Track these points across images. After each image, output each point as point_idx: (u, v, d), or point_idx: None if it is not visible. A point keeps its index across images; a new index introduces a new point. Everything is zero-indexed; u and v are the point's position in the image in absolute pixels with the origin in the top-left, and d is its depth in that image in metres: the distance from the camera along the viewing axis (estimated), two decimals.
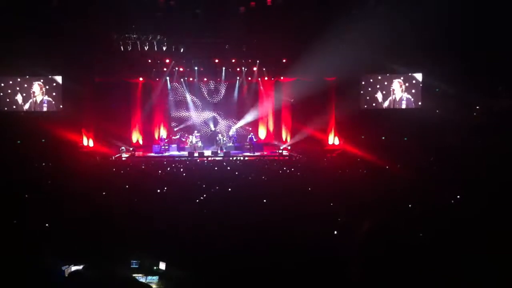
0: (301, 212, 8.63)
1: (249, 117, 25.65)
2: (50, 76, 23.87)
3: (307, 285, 5.32)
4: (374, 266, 5.23)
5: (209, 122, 25.68)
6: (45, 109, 23.89)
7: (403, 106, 24.21)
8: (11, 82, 23.64)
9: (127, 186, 12.48)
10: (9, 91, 23.64)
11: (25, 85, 23.74)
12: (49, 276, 5.79)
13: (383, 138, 23.35)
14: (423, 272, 5.03)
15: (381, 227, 6.42)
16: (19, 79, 23.73)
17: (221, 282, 5.51)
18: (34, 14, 19.52)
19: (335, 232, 6.84)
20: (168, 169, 17.00)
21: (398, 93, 24.19)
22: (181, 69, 24.56)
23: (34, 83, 23.78)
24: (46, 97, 23.84)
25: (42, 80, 23.86)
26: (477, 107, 23.02)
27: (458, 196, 9.83)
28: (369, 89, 24.41)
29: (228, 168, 17.15)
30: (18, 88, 23.69)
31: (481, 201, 8.93)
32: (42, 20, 19.68)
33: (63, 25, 19.87)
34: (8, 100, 23.59)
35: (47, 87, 23.91)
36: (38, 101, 23.81)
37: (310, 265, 5.53)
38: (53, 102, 23.90)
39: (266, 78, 25.07)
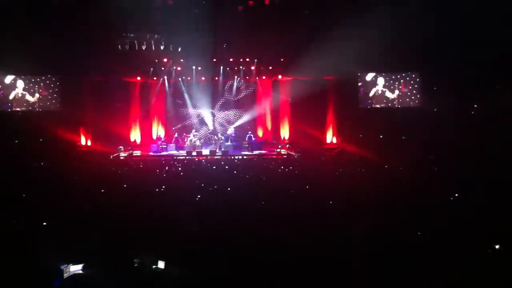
0: (299, 211, 8.63)
1: (247, 116, 25.63)
2: (48, 75, 23.80)
3: (307, 285, 5.31)
4: (373, 265, 5.23)
5: (207, 121, 25.63)
6: (37, 108, 23.80)
7: (396, 103, 24.26)
8: (8, 82, 23.54)
9: (125, 186, 12.47)
10: (7, 90, 23.54)
11: (24, 85, 23.64)
12: (47, 276, 5.78)
13: (382, 136, 23.33)
14: (422, 271, 5.03)
15: (380, 226, 6.43)
16: (18, 79, 23.62)
17: (220, 281, 5.50)
18: (33, 14, 19.48)
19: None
20: (166, 168, 16.97)
21: (395, 91, 24.22)
22: (179, 68, 24.53)
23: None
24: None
25: (39, 79, 23.78)
26: (475, 106, 23.05)
27: (456, 195, 9.85)
28: (367, 87, 24.41)
29: (227, 167, 17.13)
30: (16, 88, 23.59)
31: (480, 200, 8.94)
32: (41, 20, 19.62)
33: (62, 25, 19.81)
34: (6, 99, 23.49)
35: (45, 86, 23.83)
36: (34, 100, 23.71)
37: (310, 264, 5.52)
38: (48, 102, 23.83)
39: (264, 77, 25.04)
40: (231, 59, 24.04)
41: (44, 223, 8.01)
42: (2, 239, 6.72)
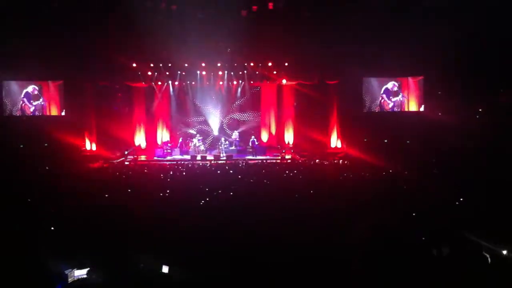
0: (303, 215, 8.63)
1: (251, 121, 25.69)
2: (52, 81, 23.90)
3: (308, 285, 5.32)
4: (374, 266, 5.23)
5: (212, 126, 25.66)
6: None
7: (398, 108, 24.24)
8: (13, 87, 23.68)
9: (129, 190, 12.50)
10: (12, 95, 23.67)
11: (28, 90, 23.77)
12: (51, 280, 5.81)
13: (386, 141, 23.30)
14: (423, 272, 5.03)
15: (382, 227, 6.42)
16: (21, 84, 23.74)
17: (221, 281, 5.51)
18: (36, 19, 19.61)
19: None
20: (171, 172, 17.02)
21: (399, 95, 24.20)
22: (183, 73, 24.57)
23: (34, 87, 23.79)
24: (40, 102, 23.84)
25: (43, 84, 23.89)
26: (480, 109, 22.98)
27: (461, 199, 9.82)
28: (371, 92, 24.38)
29: (231, 171, 17.14)
30: (20, 93, 23.72)
31: (485, 203, 8.92)
32: (44, 25, 19.75)
33: (65, 30, 19.93)
34: (11, 104, 23.62)
35: (51, 92, 23.95)
36: (38, 106, 23.81)
37: (310, 265, 5.53)
38: (52, 105, 23.94)
39: (268, 82, 25.04)
40: (235, 64, 24.07)
41: (52, 228, 8.06)
42: (5, 243, 6.75)
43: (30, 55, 20.86)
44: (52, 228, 8.02)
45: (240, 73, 24.62)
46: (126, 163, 22.00)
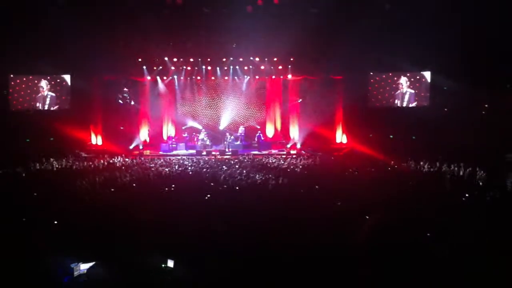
0: (308, 210, 8.63)
1: (257, 116, 25.66)
2: (59, 75, 23.96)
3: (314, 284, 5.32)
4: (381, 264, 5.23)
5: (217, 121, 25.66)
6: (47, 106, 23.97)
7: (406, 103, 24.10)
8: (18, 81, 23.76)
9: (134, 185, 12.53)
10: (18, 89, 23.75)
11: (34, 84, 23.85)
12: (56, 274, 5.84)
13: (391, 136, 23.23)
14: (428, 271, 5.03)
15: (388, 225, 6.42)
16: (27, 78, 23.81)
17: (226, 280, 5.52)
18: (43, 14, 19.63)
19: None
20: (176, 167, 17.04)
21: (405, 91, 24.08)
22: (188, 68, 24.57)
23: (42, 80, 23.87)
24: (50, 93, 23.91)
25: (50, 78, 23.93)
26: (486, 105, 22.85)
27: (466, 195, 9.80)
28: (377, 87, 24.30)
29: (236, 166, 17.14)
30: (27, 87, 23.79)
31: (489, 200, 8.90)
32: (51, 20, 19.76)
33: (71, 25, 19.94)
34: (17, 99, 23.69)
35: (57, 87, 24.00)
36: (45, 98, 23.87)
37: (317, 264, 5.53)
38: (58, 99, 24.00)
39: (274, 77, 25.00)
40: (241, 59, 24.05)
41: (55, 222, 8.10)
42: (11, 238, 6.79)
43: (37, 49, 20.92)
44: (56, 222, 8.07)
45: (246, 68, 24.60)
46: (132, 157, 22.00)
